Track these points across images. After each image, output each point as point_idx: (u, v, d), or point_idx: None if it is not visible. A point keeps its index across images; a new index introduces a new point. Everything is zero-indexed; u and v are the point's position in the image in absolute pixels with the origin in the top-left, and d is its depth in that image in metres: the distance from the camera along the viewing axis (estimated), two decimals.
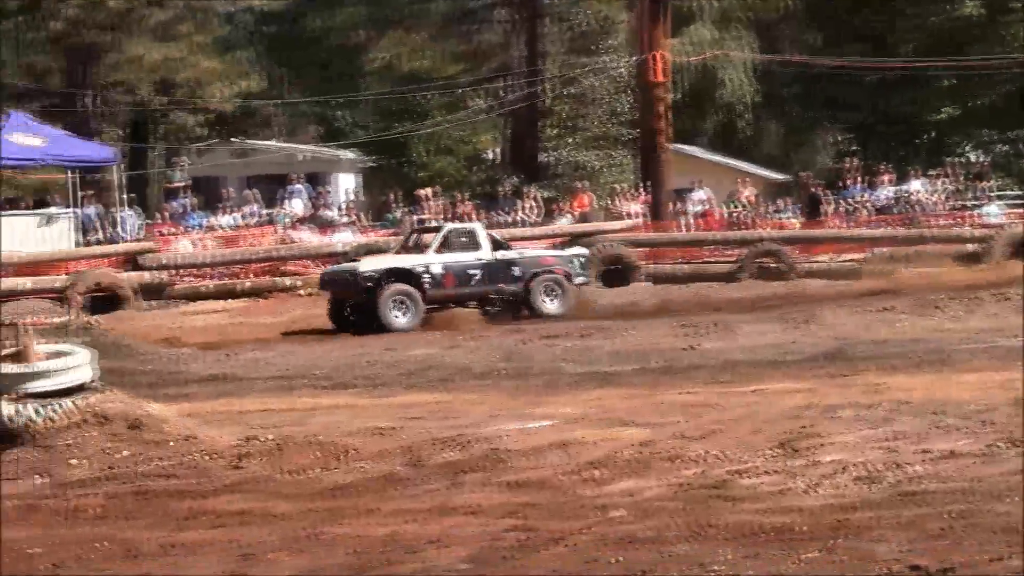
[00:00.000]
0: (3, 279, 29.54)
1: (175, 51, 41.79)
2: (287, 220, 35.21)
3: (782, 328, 22.88)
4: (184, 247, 33.44)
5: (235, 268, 32.58)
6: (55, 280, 29.70)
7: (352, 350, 22.86)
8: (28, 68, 44.49)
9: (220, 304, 30.37)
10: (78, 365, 13.59)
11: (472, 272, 27.27)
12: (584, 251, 30.09)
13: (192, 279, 32.33)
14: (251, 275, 32.34)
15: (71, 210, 33.86)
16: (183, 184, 37.92)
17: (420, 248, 28.10)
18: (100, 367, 14.14)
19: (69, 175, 34.67)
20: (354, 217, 35.66)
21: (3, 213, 34.24)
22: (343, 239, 33.31)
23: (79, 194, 34.28)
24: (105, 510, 11.06)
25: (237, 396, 17.69)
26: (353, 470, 12.22)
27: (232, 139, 44.20)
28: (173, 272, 31.72)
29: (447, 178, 42.59)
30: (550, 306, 27.61)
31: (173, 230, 34.53)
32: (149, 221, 35.92)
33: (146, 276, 30.72)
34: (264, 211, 35.90)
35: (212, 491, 11.66)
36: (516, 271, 27.63)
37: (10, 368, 13.48)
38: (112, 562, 9.43)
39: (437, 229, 28.76)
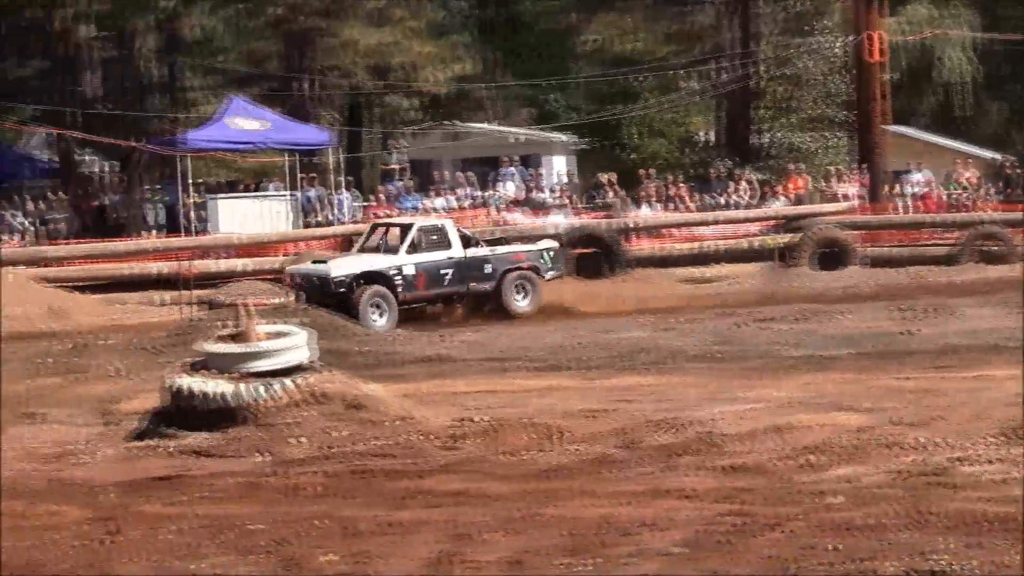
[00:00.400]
0: (223, 260, 30.22)
1: (389, 36, 42.13)
2: (500, 202, 35.35)
3: (1004, 312, 22.35)
4: None
5: None
6: (274, 261, 30.23)
7: (565, 332, 22.88)
8: (249, 54, 45.31)
9: None
10: (297, 346, 13.83)
11: (444, 272, 26.20)
12: (554, 244, 28.62)
13: None
14: None
15: (289, 192, 34.43)
16: (399, 166, 38.32)
17: (386, 247, 26.75)
18: (318, 347, 14.39)
19: (287, 158, 35.25)
20: (566, 199, 35.67)
21: (223, 196, 34.98)
22: (555, 221, 33.35)
23: (298, 177, 34.82)
24: (324, 488, 11.25)
25: (452, 377, 17.85)
26: (567, 452, 12.27)
27: (446, 122, 44.49)
28: None
29: (659, 160, 42.29)
30: (521, 304, 26.76)
31: (388, 212, 34.90)
32: (365, 203, 36.36)
33: None
34: (477, 193, 36.09)
35: (428, 471, 11.79)
36: (488, 268, 26.65)
37: (231, 348, 13.77)
38: (331, 539, 9.59)
39: (405, 227, 27.11)
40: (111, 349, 20.22)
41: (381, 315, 24.93)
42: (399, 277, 25.58)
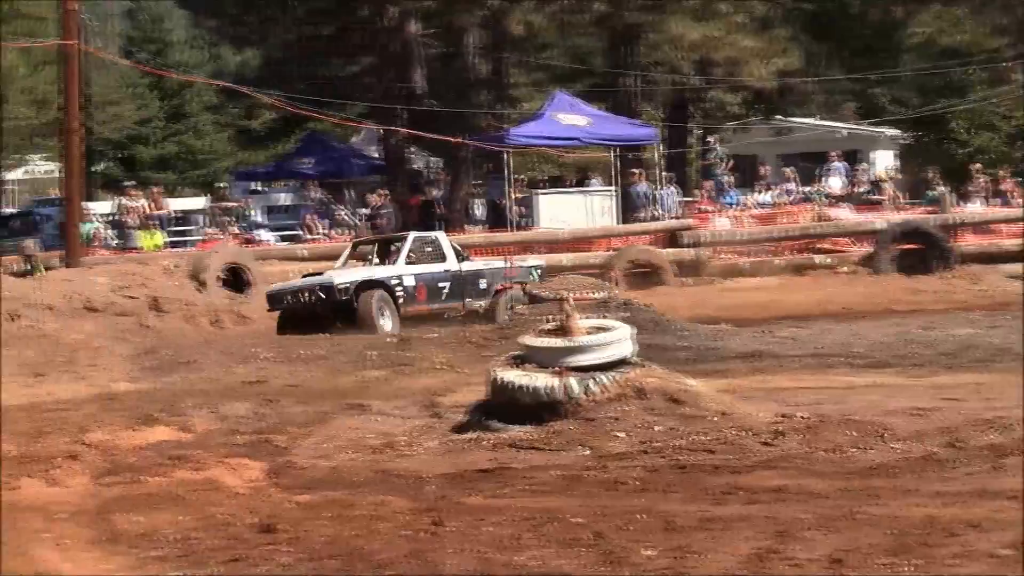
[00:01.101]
0: (547, 255, 30.54)
1: (714, 30, 42.02)
2: (825, 198, 34.94)
3: None
4: (721, 224, 33.69)
5: (771, 245, 32.59)
6: (596, 256, 30.47)
7: (889, 329, 22.47)
8: (573, 50, 45.77)
9: (756, 281, 30.46)
10: (619, 340, 13.89)
11: (442, 285, 24.97)
12: (540, 262, 27.40)
13: (729, 256, 32.53)
14: (788, 252, 32.27)
15: (612, 188, 34.64)
16: (721, 162, 38.20)
17: (381, 259, 25.66)
18: (638, 342, 14.43)
19: (611, 153, 35.46)
20: (892, 195, 35.07)
21: (546, 191, 35.37)
22: (879, 216, 32.79)
23: (617, 172, 35.01)
24: (644, 483, 11.27)
25: (773, 373, 17.70)
26: (890, 450, 12.05)
27: (770, 117, 44.18)
28: (710, 249, 32.02)
29: (988, 155, 41.24)
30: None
31: (710, 207, 34.83)
32: (688, 199, 36.37)
33: (684, 252, 31.16)
34: (801, 188, 35.75)
35: (748, 467, 11.71)
36: (483, 283, 25.49)
37: (554, 342, 13.92)
38: (651, 534, 9.61)
39: (398, 238, 26.29)
40: (436, 342, 20.62)
41: (387, 317, 23.87)
42: (400, 288, 24.38)
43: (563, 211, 33.73)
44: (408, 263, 24.74)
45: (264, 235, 33.26)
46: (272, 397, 17.00)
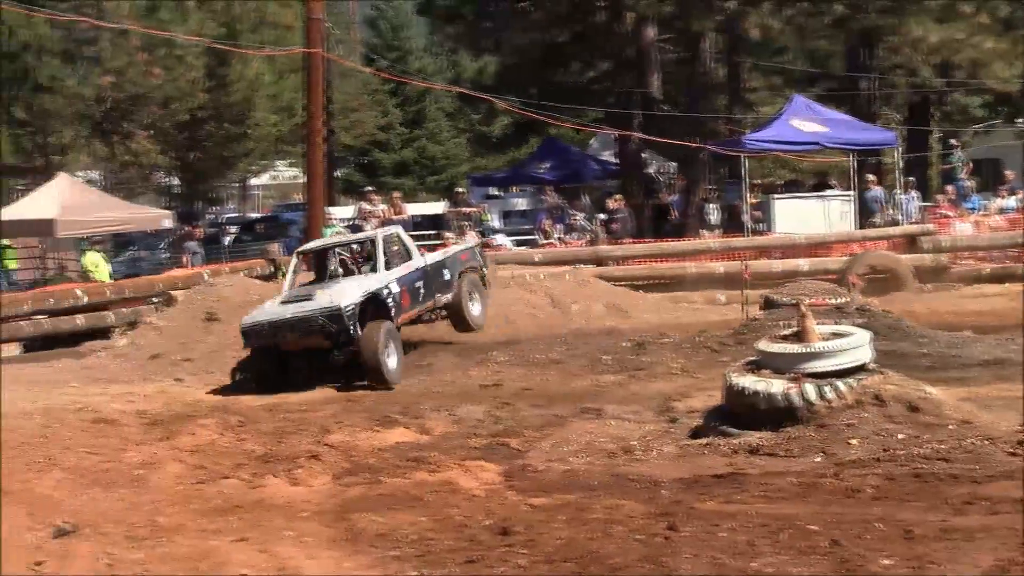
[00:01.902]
0: (782, 260, 30.30)
1: (956, 32, 41.22)
2: None
3: None
4: (963, 229, 33.06)
5: (1016, 251, 31.83)
6: (833, 261, 30.12)
7: None
8: (810, 53, 45.34)
9: (999, 287, 29.73)
10: (856, 346, 13.74)
11: (418, 284, 21.36)
12: (477, 241, 25.73)
13: (971, 262, 31.88)
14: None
15: (850, 193, 34.22)
16: (963, 166, 37.48)
17: (347, 268, 21.77)
18: (876, 348, 14.25)
19: (848, 158, 35.06)
20: None
21: (782, 196, 35.10)
22: None
23: (854, 178, 34.60)
24: (881, 491, 11.14)
25: (1015, 381, 17.29)
26: None
27: (1016, 121, 43.23)
28: (951, 254, 31.43)
29: None
30: (476, 311, 22.75)
31: (951, 212, 34.21)
32: (928, 203, 35.76)
33: (924, 258, 30.64)
34: None
35: (989, 477, 11.48)
36: (446, 274, 22.17)
37: (790, 348, 13.83)
38: (889, 543, 9.50)
39: (364, 241, 22.22)
40: (671, 347, 20.59)
41: (391, 354, 19.70)
42: (390, 298, 20.39)
43: (799, 216, 33.45)
44: (387, 267, 20.83)
45: (500, 239, 33.58)
46: (507, 400, 17.17)
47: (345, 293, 19.65)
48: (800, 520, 10.14)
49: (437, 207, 37.17)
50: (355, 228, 32.51)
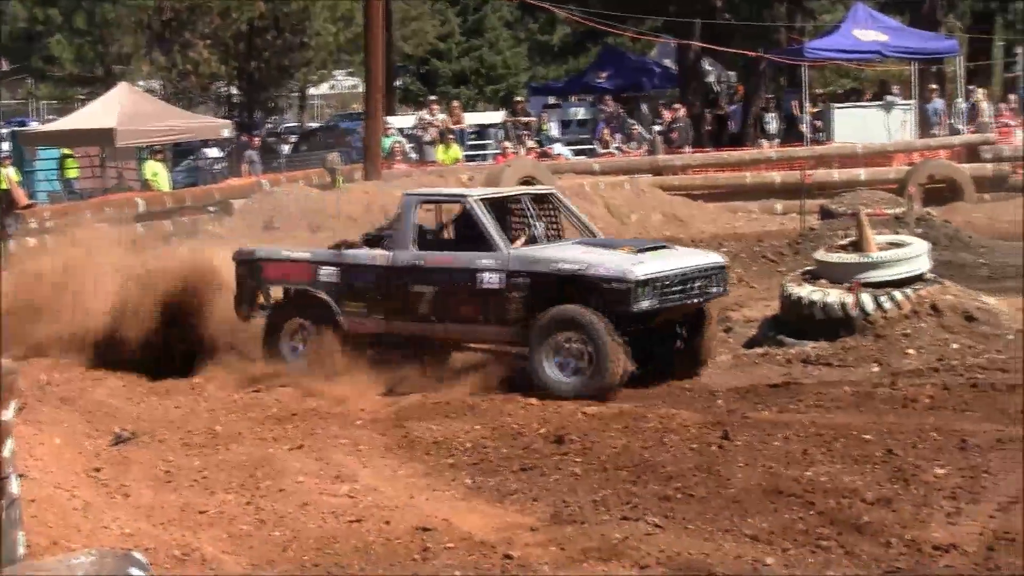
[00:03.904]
0: (841, 170, 30.10)
1: None
2: None
3: None
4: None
5: None
6: (891, 171, 29.90)
7: None
8: None
9: None
10: (914, 256, 13.72)
11: None
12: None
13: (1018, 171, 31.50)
14: None
15: (912, 102, 33.91)
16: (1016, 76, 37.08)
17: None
18: (934, 259, 14.20)
19: (912, 67, 34.72)
20: None
21: (842, 105, 34.81)
22: None
23: (915, 86, 34.26)
24: (936, 401, 11.15)
25: None
26: None
27: None
28: (1012, 164, 31.09)
29: None
30: None
31: (1013, 121, 33.84)
32: (991, 114, 35.38)
33: (985, 168, 30.35)
34: None
35: None
36: None
37: (848, 257, 13.81)
38: (943, 453, 9.51)
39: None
40: (728, 256, 20.57)
41: None
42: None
43: (859, 125, 33.17)
44: None
45: (559, 149, 33.47)
46: None
47: (648, 263, 12.57)
48: (855, 429, 10.17)
49: (496, 117, 37.03)
50: (415, 139, 32.50)
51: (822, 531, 7.94)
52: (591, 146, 33.62)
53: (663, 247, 13.45)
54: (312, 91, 49.90)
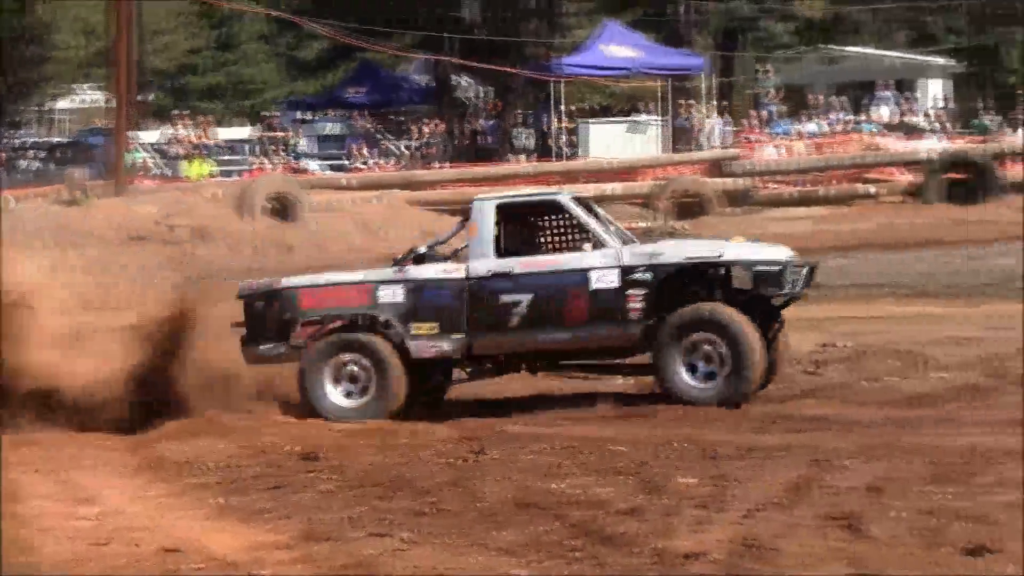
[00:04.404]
0: (593, 184, 30.44)
1: None
2: (873, 127, 34.70)
3: None
4: (769, 154, 33.54)
5: (818, 175, 32.40)
6: (641, 186, 30.37)
7: (933, 260, 22.38)
8: None
9: (803, 211, 30.29)
10: None
11: None
12: None
13: (776, 186, 32.35)
14: (834, 182, 32.07)
15: (659, 118, 34.51)
16: (770, 92, 37.95)
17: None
18: None
19: (659, 83, 35.32)
20: (940, 124, 34.79)
21: (595, 120, 35.27)
22: (929, 146, 32.56)
23: (669, 102, 34.88)
24: (686, 411, 11.32)
25: (816, 303, 17.65)
26: (932, 379, 12.05)
27: (819, 46, 43.84)
28: (757, 178, 31.85)
29: None
30: None
31: (759, 137, 34.68)
32: (737, 128, 36.18)
33: (730, 182, 31.02)
34: (850, 118, 35.51)
35: (790, 396, 11.75)
36: None
37: None
38: (692, 462, 9.65)
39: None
40: None
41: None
42: None
43: (611, 141, 33.65)
44: None
45: (311, 164, 33.31)
46: None
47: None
48: (607, 441, 10.26)
49: (246, 132, 36.72)
50: (161, 152, 32.04)
51: (573, 543, 7.94)
52: (344, 161, 33.54)
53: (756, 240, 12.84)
54: (59, 105, 48.83)
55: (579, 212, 12.10)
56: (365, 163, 32.73)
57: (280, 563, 7.80)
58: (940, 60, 41.43)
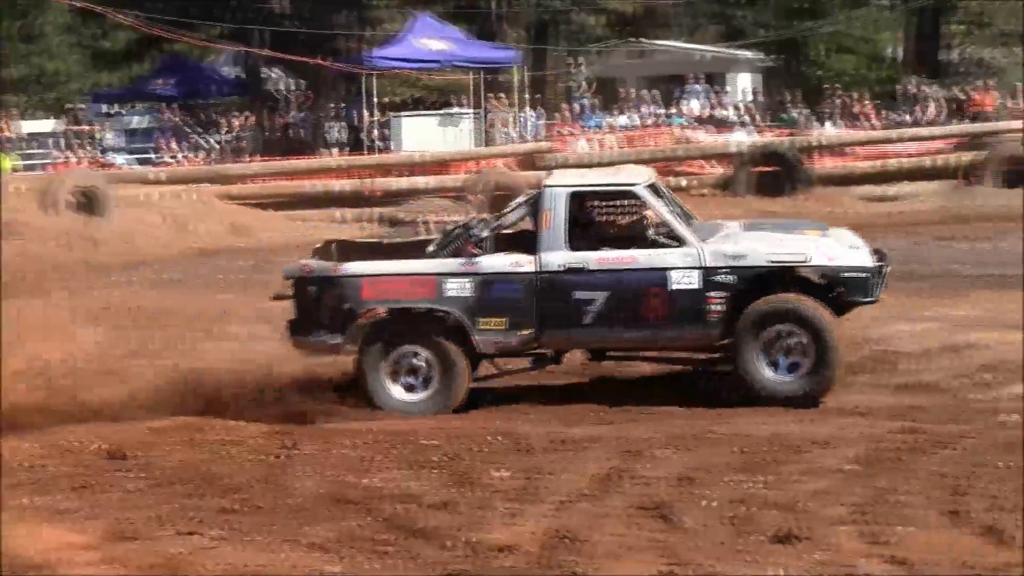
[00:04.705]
0: (406, 178, 30.39)
1: None
2: (684, 121, 35.08)
3: None
4: (582, 147, 33.71)
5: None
6: (455, 179, 30.31)
7: None
8: None
9: None
10: None
11: None
12: None
13: None
14: None
15: (472, 111, 34.54)
16: (582, 85, 38.16)
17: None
18: None
19: (472, 76, 35.35)
20: (750, 117, 35.28)
21: (407, 114, 35.18)
22: (739, 139, 33.00)
23: (482, 96, 34.92)
24: (502, 406, 11.37)
25: None
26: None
27: (630, 40, 44.20)
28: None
29: (846, 77, 41.57)
30: None
31: (572, 130, 34.86)
32: (550, 122, 36.33)
33: (543, 175, 31.06)
34: (661, 111, 35.85)
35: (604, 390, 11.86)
36: None
37: None
38: (504, 455, 9.67)
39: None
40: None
41: None
42: None
43: (425, 135, 33.58)
44: None
45: (118, 159, 32.80)
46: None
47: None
48: (420, 436, 10.24)
49: (49, 125, 36.00)
50: None
51: (384, 537, 7.95)
52: (151, 156, 33.06)
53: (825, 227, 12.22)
54: None
55: (657, 205, 11.58)
56: (174, 157, 32.30)
57: (87, 564, 7.68)
58: (748, 54, 42.04)
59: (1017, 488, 8.19)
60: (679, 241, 11.29)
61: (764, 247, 11.26)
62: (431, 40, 34.75)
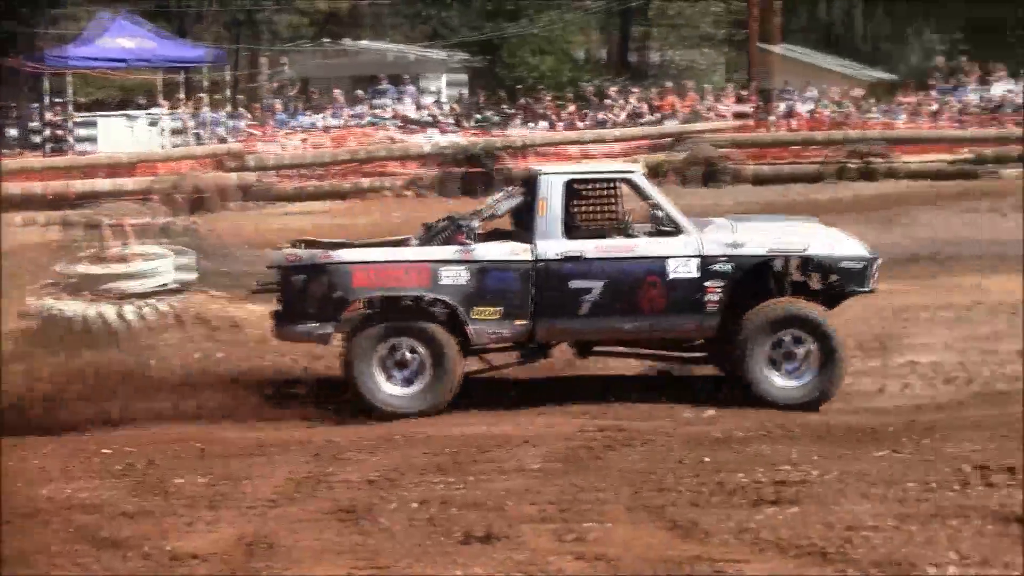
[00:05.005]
0: (95, 180, 29.58)
1: None
2: (381, 121, 35.11)
3: (879, 230, 22.44)
4: (277, 148, 33.46)
5: (330, 169, 32.49)
6: (142, 181, 29.66)
7: None
8: None
9: (319, 205, 30.23)
10: (168, 268, 13.67)
11: None
12: None
13: (283, 180, 32.18)
14: (345, 176, 32.23)
15: (162, 111, 33.95)
16: (279, 85, 37.92)
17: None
18: (200, 267, 14.17)
19: (163, 76, 34.82)
20: (452, 118, 35.51)
21: (86, 114, 34.36)
22: (438, 140, 33.17)
23: (183, 96, 34.42)
24: (202, 411, 11.34)
25: None
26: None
27: (325, 40, 44.14)
28: (264, 173, 31.62)
29: (545, 79, 42.12)
30: None
31: (268, 131, 34.57)
32: (247, 122, 36.00)
33: (235, 177, 30.63)
34: (359, 112, 35.84)
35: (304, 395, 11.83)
36: None
37: (95, 270, 13.55)
38: (202, 461, 9.59)
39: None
40: None
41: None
42: None
43: (120, 135, 32.88)
44: None
45: None
46: None
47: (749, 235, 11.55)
48: (120, 444, 10.13)
49: None
50: None
51: (79, 548, 7.78)
52: None
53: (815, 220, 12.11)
54: None
55: (655, 192, 11.39)
56: None
57: None
58: (444, 55, 42.37)
59: (702, 482, 8.43)
60: (677, 230, 11.19)
61: (763, 236, 11.26)
62: (122, 38, 34.08)
